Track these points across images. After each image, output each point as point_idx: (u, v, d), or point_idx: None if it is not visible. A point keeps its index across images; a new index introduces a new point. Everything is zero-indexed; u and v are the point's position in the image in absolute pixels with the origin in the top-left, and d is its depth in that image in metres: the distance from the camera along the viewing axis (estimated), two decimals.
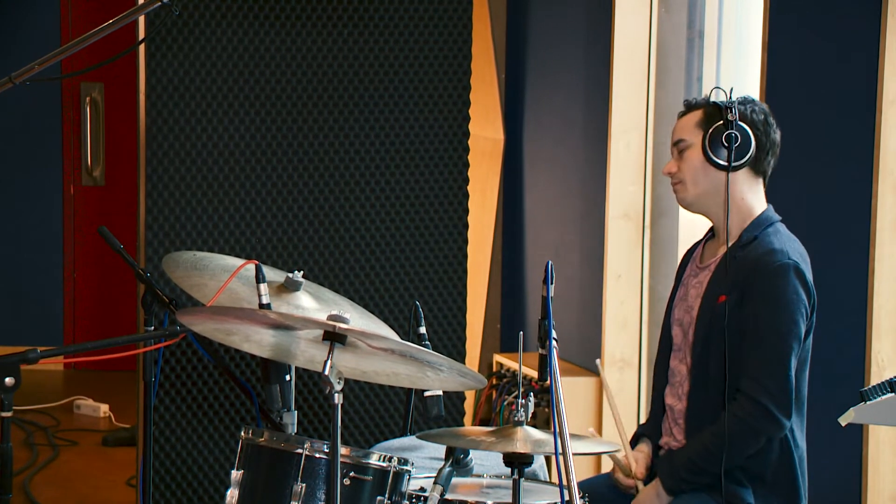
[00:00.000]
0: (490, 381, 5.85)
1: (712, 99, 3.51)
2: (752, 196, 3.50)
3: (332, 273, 4.87)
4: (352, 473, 3.02)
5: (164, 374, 4.66)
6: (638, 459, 3.55)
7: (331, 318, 2.89)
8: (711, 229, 3.61)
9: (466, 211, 5.06)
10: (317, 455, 3.02)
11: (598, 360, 3.67)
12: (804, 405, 3.46)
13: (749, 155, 3.44)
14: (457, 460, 3.11)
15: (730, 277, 3.40)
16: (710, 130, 3.44)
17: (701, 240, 3.66)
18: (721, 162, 3.44)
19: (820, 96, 4.30)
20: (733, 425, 3.34)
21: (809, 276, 3.41)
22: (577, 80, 5.77)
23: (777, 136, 3.51)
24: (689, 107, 3.56)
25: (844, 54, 4.20)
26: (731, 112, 3.42)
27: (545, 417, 5.32)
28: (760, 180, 3.51)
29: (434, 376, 3.07)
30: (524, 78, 6.18)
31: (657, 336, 3.73)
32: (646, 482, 3.51)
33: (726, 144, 3.43)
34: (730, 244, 3.45)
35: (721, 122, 3.43)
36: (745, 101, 3.48)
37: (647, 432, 3.63)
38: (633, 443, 3.64)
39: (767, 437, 3.37)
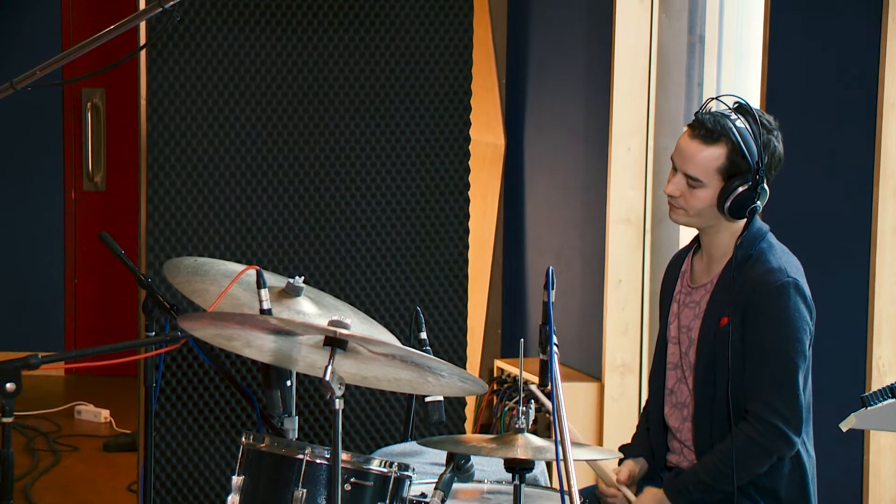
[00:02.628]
0: (491, 387, 5.85)
1: (734, 132, 3.31)
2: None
3: (332, 278, 4.87)
4: (353, 479, 3.02)
5: (165, 380, 4.66)
6: (620, 471, 3.52)
7: (332, 323, 2.89)
8: (698, 239, 3.53)
9: (467, 216, 5.06)
10: (318, 461, 3.02)
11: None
12: (810, 414, 3.45)
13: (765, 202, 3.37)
14: (458, 466, 3.11)
15: (730, 299, 3.36)
16: (733, 197, 3.32)
17: (686, 249, 3.58)
18: (737, 219, 3.36)
19: (820, 101, 4.30)
20: (745, 446, 3.32)
21: (807, 290, 3.37)
22: (577, 86, 5.77)
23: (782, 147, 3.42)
24: (711, 135, 3.34)
25: (845, 59, 4.20)
26: (759, 171, 3.30)
27: (546, 423, 5.31)
28: None
29: (435, 382, 3.07)
30: (525, 83, 6.19)
31: None
32: (637, 492, 3.48)
33: (748, 217, 3.35)
34: (725, 265, 3.40)
35: (744, 184, 3.31)
36: (767, 144, 3.32)
37: (634, 452, 3.57)
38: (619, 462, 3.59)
39: (779, 457, 3.36)
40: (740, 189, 3.33)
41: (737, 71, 5.21)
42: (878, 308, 4.05)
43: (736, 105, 3.39)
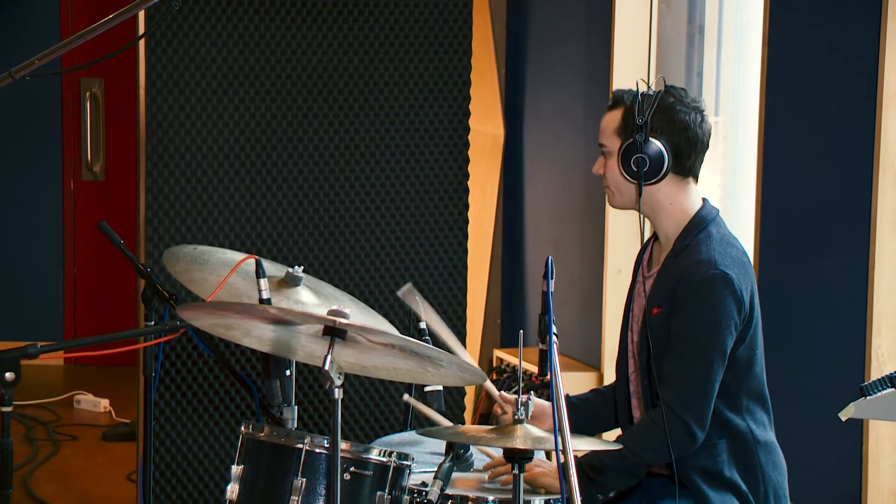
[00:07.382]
0: (490, 377, 5.85)
1: (630, 95, 3.37)
2: (683, 198, 3.39)
3: (332, 268, 4.87)
4: (352, 468, 3.02)
5: (165, 369, 4.66)
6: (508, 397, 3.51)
7: (331, 313, 2.89)
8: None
9: (467, 206, 5.06)
10: (317, 450, 3.03)
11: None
12: (767, 399, 3.41)
13: (665, 169, 3.33)
14: (457, 455, 3.11)
15: (663, 289, 3.34)
16: (623, 149, 3.35)
17: (651, 237, 3.56)
18: (634, 180, 3.35)
19: (820, 91, 4.30)
20: (649, 432, 3.29)
21: (740, 282, 3.30)
22: (577, 76, 5.77)
23: (703, 131, 3.37)
24: (613, 102, 3.42)
25: (845, 49, 4.20)
26: (642, 129, 3.31)
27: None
28: (690, 179, 3.39)
29: (434, 371, 3.07)
30: (524, 73, 6.18)
31: None
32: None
33: (636, 168, 3.34)
34: (667, 254, 3.39)
35: (632, 139, 3.33)
36: (664, 106, 3.34)
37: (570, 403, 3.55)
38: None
39: (681, 448, 3.30)
40: (627, 142, 3.34)
41: (737, 61, 5.20)
42: (877, 298, 4.05)
43: (666, 87, 3.42)
